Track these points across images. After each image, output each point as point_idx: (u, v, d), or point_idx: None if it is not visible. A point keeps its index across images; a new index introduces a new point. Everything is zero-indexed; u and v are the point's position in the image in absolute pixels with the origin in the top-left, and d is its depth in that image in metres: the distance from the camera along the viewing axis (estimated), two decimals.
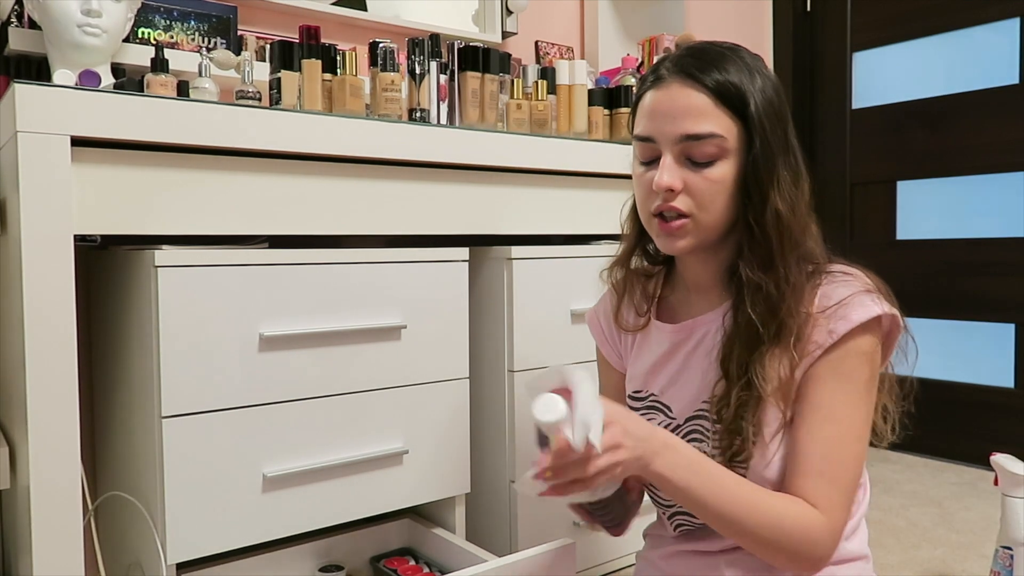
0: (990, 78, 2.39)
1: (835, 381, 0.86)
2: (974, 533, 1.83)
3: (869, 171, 2.67)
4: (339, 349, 1.21)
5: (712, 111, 0.87)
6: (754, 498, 0.84)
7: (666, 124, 0.89)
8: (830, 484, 0.85)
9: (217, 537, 1.11)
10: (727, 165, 0.88)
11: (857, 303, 0.86)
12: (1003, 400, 2.38)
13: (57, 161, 0.97)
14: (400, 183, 1.30)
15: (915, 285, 2.53)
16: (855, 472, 0.87)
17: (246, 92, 1.36)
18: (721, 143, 0.87)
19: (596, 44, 2.31)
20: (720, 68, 0.88)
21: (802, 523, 0.84)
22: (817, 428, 0.86)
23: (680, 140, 0.88)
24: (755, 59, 0.92)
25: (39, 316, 0.97)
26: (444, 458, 1.34)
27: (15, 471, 1.09)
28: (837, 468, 0.85)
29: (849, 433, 0.86)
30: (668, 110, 0.89)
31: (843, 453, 0.86)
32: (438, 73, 1.55)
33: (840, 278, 0.90)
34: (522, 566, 1.08)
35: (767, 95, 0.89)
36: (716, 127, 0.87)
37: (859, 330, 0.86)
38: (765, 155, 0.88)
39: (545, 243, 1.48)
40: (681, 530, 1.00)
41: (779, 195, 0.88)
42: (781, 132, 0.90)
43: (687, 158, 0.89)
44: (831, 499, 0.85)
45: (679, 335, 0.99)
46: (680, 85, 0.89)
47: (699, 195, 0.89)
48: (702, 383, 0.94)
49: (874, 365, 0.89)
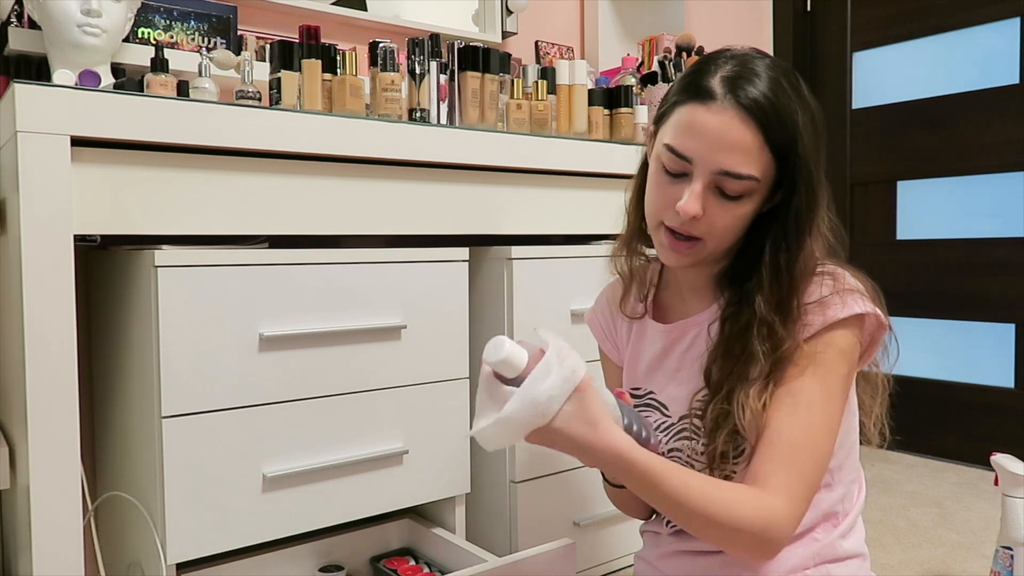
0: (990, 78, 2.39)
1: (812, 372, 0.86)
2: (974, 533, 1.83)
3: (869, 171, 2.67)
4: (339, 349, 1.21)
5: (759, 152, 0.85)
6: (710, 489, 0.82)
7: (709, 153, 0.85)
8: (795, 474, 0.84)
9: (217, 537, 1.11)
10: (752, 202, 0.88)
11: (836, 301, 0.87)
12: (1003, 400, 2.38)
13: (57, 161, 0.97)
14: (400, 183, 1.30)
15: (915, 285, 2.53)
16: (822, 464, 0.87)
17: (246, 92, 1.36)
18: (753, 185, 0.86)
19: (596, 44, 2.31)
20: (777, 104, 0.85)
21: (763, 513, 0.82)
22: (788, 416, 0.85)
23: (717, 173, 0.86)
24: (801, 82, 0.89)
25: (39, 316, 0.97)
26: (444, 458, 1.34)
27: (15, 471, 1.09)
28: (804, 459, 0.85)
29: (821, 425, 0.86)
30: (715, 140, 0.85)
31: (812, 444, 0.85)
32: (438, 73, 1.55)
33: (823, 279, 0.90)
34: (522, 566, 1.08)
35: (811, 134, 0.87)
36: (756, 170, 0.85)
37: (837, 325, 0.87)
38: (808, 204, 0.87)
39: (545, 243, 1.48)
40: (673, 527, 1.00)
41: (814, 240, 0.88)
42: (817, 160, 0.88)
43: (717, 187, 0.87)
44: (793, 488, 0.84)
45: (672, 334, 0.99)
46: (733, 116, 0.84)
47: (717, 225, 0.88)
48: (696, 383, 0.95)
49: (851, 362, 0.89)
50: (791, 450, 0.84)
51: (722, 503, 0.81)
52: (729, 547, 0.85)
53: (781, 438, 0.85)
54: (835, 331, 0.87)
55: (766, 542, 0.83)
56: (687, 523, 0.84)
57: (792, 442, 0.85)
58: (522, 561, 1.09)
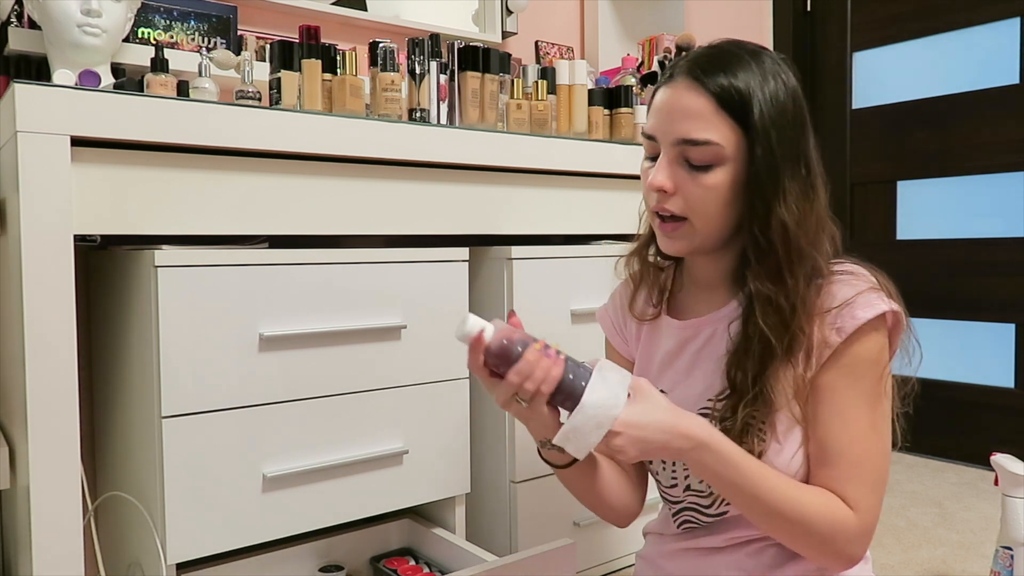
0: (990, 78, 2.39)
1: (850, 383, 0.86)
2: (974, 533, 1.83)
3: (869, 171, 2.67)
4: (339, 349, 1.21)
5: (712, 117, 0.86)
6: (784, 486, 0.85)
7: (666, 124, 0.88)
8: (862, 486, 0.86)
9: (217, 537, 1.11)
10: (724, 172, 0.87)
11: (863, 301, 0.86)
12: (1003, 400, 2.38)
13: (57, 161, 0.97)
14: (400, 183, 1.30)
15: (915, 285, 2.53)
16: (883, 468, 0.88)
17: (246, 92, 1.36)
18: (717, 151, 0.86)
19: (596, 44, 2.31)
20: (728, 71, 0.86)
21: (835, 518, 0.84)
22: (841, 433, 0.86)
23: (677, 143, 0.87)
24: (776, 63, 0.89)
25: (39, 316, 0.97)
26: (444, 458, 1.34)
27: (15, 471, 1.09)
28: (865, 468, 0.86)
29: (871, 431, 0.87)
30: (670, 110, 0.88)
31: (869, 452, 0.86)
32: (438, 73, 1.55)
33: (844, 278, 0.89)
34: (522, 566, 1.08)
35: (779, 102, 0.87)
36: (713, 134, 0.85)
37: (867, 327, 0.86)
38: (768, 166, 0.86)
39: (545, 243, 1.48)
40: (685, 527, 1.00)
41: (784, 207, 0.86)
42: (790, 141, 0.87)
43: (685, 160, 0.88)
44: (865, 501, 0.86)
45: (686, 332, 0.99)
46: (685, 86, 0.87)
47: (692, 199, 0.88)
48: (709, 382, 0.94)
49: (884, 361, 0.89)
50: (851, 467, 0.86)
51: (796, 498, 0.84)
52: (800, 546, 0.87)
53: (841, 460, 0.86)
54: (866, 332, 0.86)
55: (837, 546, 0.85)
56: (761, 518, 0.86)
57: (850, 459, 0.86)
58: (522, 561, 1.09)
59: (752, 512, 0.86)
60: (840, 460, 0.86)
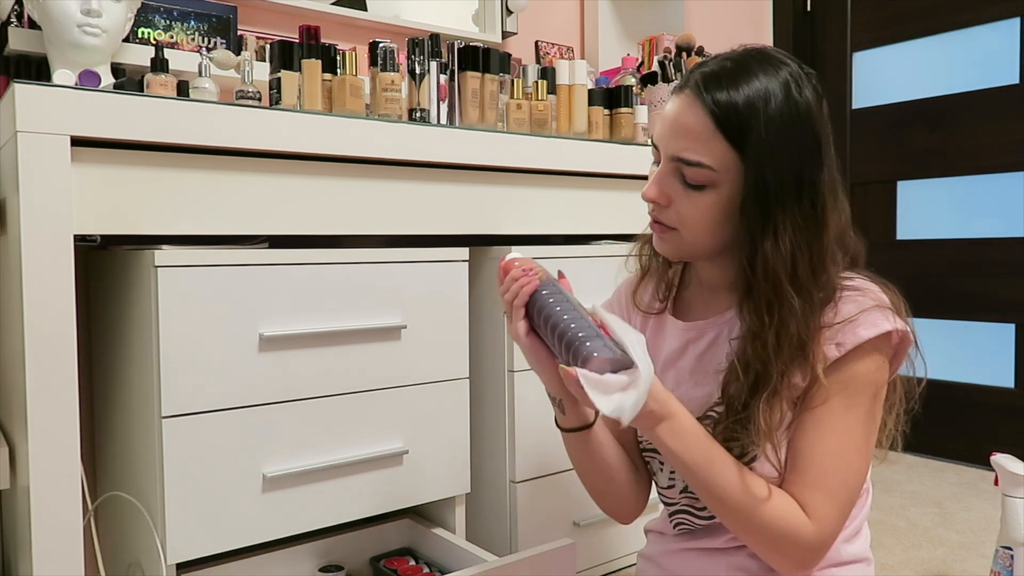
0: (990, 78, 2.39)
1: (840, 397, 0.85)
2: (974, 533, 1.83)
3: (869, 171, 2.67)
4: (339, 349, 1.21)
5: (709, 138, 0.82)
6: (742, 479, 0.83)
7: (666, 138, 0.86)
8: (826, 497, 0.84)
9: (217, 537, 1.11)
10: (716, 195, 0.84)
11: (867, 320, 0.84)
12: (1003, 400, 2.38)
13: (57, 161, 0.97)
14: (400, 183, 1.30)
15: (915, 285, 2.51)
16: (854, 487, 0.86)
17: (246, 92, 1.36)
18: (710, 174, 0.83)
19: (596, 44, 2.31)
20: (733, 87, 0.81)
21: (788, 520, 0.83)
22: (818, 441, 0.85)
23: (673, 159, 0.86)
24: (796, 80, 0.83)
25: (39, 316, 0.97)
26: (444, 458, 1.34)
27: (15, 471, 1.09)
28: (834, 482, 0.84)
29: (850, 447, 0.85)
30: (671, 124, 0.86)
31: (843, 467, 0.85)
32: (438, 73, 1.55)
33: (851, 295, 0.87)
34: (522, 566, 1.09)
35: (784, 125, 0.81)
36: (706, 157, 0.82)
37: (867, 346, 0.84)
38: (758, 198, 0.81)
39: (545, 243, 1.48)
40: (680, 529, 1.00)
41: (772, 244, 0.81)
42: (793, 170, 0.82)
43: (680, 175, 0.86)
44: (824, 511, 0.84)
45: (690, 333, 0.98)
46: (688, 101, 0.84)
47: (683, 214, 0.87)
48: (711, 389, 0.93)
49: (879, 382, 0.87)
50: (819, 475, 0.84)
51: (752, 493, 0.83)
52: (751, 541, 0.86)
53: (810, 467, 0.84)
54: (864, 350, 0.84)
55: (786, 550, 0.83)
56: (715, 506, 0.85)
57: (821, 467, 0.84)
58: (522, 561, 1.09)
59: (707, 499, 0.85)
60: (809, 467, 0.84)
